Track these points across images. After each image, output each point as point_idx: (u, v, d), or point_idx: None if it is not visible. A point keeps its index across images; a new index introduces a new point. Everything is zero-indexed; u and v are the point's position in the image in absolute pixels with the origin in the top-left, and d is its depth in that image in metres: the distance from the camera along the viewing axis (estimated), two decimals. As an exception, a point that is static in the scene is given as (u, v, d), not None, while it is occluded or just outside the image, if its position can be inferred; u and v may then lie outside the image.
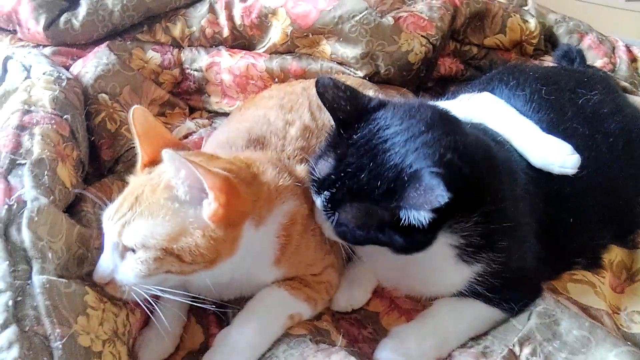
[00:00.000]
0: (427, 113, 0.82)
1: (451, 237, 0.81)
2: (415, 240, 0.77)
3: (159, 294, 0.76)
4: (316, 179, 0.82)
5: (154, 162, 0.80)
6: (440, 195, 0.67)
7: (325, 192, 0.80)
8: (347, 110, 0.82)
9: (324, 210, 0.82)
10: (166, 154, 0.68)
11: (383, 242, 0.79)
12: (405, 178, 0.73)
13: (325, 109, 1.08)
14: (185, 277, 0.76)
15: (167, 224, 0.72)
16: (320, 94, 0.83)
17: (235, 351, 0.79)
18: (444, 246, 0.82)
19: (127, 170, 1.10)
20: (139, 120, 0.80)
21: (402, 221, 0.73)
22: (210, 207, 0.71)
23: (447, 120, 0.84)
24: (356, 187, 0.77)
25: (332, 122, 0.86)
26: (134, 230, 0.73)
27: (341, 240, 0.86)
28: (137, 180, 0.79)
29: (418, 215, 0.72)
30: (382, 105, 0.84)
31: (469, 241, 0.82)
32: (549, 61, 1.50)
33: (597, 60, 1.48)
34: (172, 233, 0.72)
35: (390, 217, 0.75)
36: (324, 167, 0.82)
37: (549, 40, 1.57)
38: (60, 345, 0.66)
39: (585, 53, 1.46)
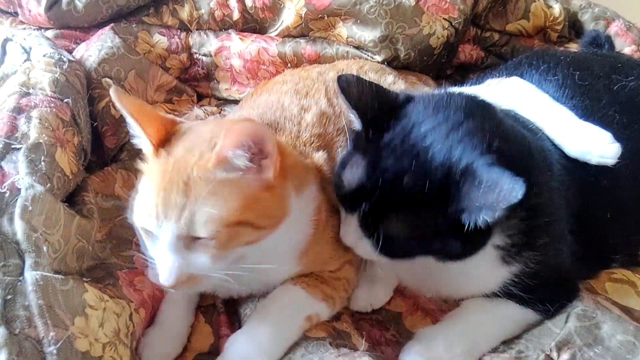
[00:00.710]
0: (460, 101, 0.76)
1: (499, 237, 0.75)
2: (474, 243, 0.70)
3: (225, 277, 0.71)
4: (346, 192, 0.74)
5: (162, 141, 0.71)
6: (514, 189, 0.60)
7: (363, 206, 0.72)
8: (375, 108, 0.75)
9: (363, 227, 0.73)
10: (227, 137, 0.65)
11: (436, 252, 0.71)
12: (457, 176, 0.66)
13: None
14: (251, 247, 0.71)
15: (236, 196, 0.67)
16: (344, 91, 0.76)
17: (248, 358, 0.73)
18: (489, 248, 0.75)
19: (132, 159, 1.05)
20: (127, 101, 0.71)
21: (464, 225, 0.66)
22: (272, 165, 0.69)
23: (484, 106, 0.78)
24: (399, 193, 0.69)
25: (354, 120, 0.78)
26: (204, 217, 0.65)
27: (384, 260, 0.77)
28: (162, 166, 0.68)
29: (487, 216, 0.64)
30: (409, 99, 0.78)
31: (513, 241, 0.76)
32: (574, 48, 1.44)
33: (624, 47, 1.43)
34: (244, 203, 0.68)
35: (449, 222, 0.67)
36: (354, 175, 0.73)
37: (573, 27, 1.51)
38: (55, 350, 0.59)
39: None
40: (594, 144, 0.86)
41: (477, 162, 0.65)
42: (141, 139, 0.71)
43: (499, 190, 0.61)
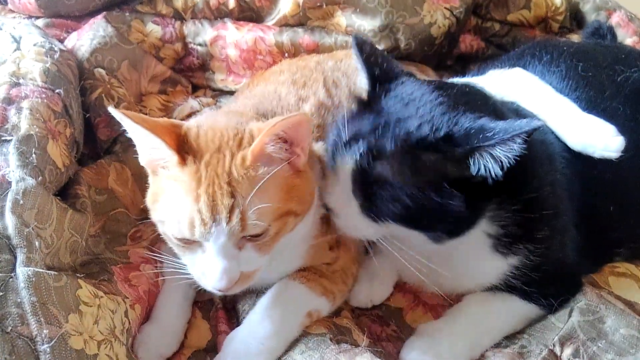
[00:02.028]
0: (463, 86, 0.78)
1: (489, 225, 0.75)
2: (475, 205, 0.69)
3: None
4: (344, 142, 0.73)
5: (180, 149, 0.68)
6: (530, 122, 0.63)
7: (360, 143, 0.70)
8: (383, 68, 0.78)
9: (354, 180, 0.72)
10: (268, 132, 0.65)
11: (430, 212, 0.69)
12: (469, 126, 0.67)
13: (341, 86, 1.00)
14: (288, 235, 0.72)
15: (279, 187, 0.68)
16: (358, 47, 0.79)
17: (247, 355, 0.72)
18: (480, 234, 0.75)
19: (125, 151, 1.03)
20: (138, 118, 0.67)
21: (473, 169, 0.66)
22: (303, 152, 0.71)
23: (485, 96, 0.79)
24: (404, 133, 0.68)
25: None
26: (255, 214, 0.64)
27: (369, 226, 0.75)
28: (193, 172, 0.65)
29: (502, 155, 0.64)
30: (412, 75, 0.80)
31: (507, 231, 0.76)
32: (575, 39, 1.43)
33: (626, 38, 1.41)
34: (286, 192, 0.69)
35: (451, 166, 0.67)
36: (357, 124, 0.74)
37: (575, 17, 1.49)
38: (48, 349, 0.57)
39: (612, 31, 1.38)
40: (597, 137, 0.85)
41: (487, 119, 0.67)
42: (159, 150, 0.67)
43: (515, 122, 0.63)
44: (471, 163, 0.66)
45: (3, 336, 0.56)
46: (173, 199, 0.66)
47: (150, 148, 0.68)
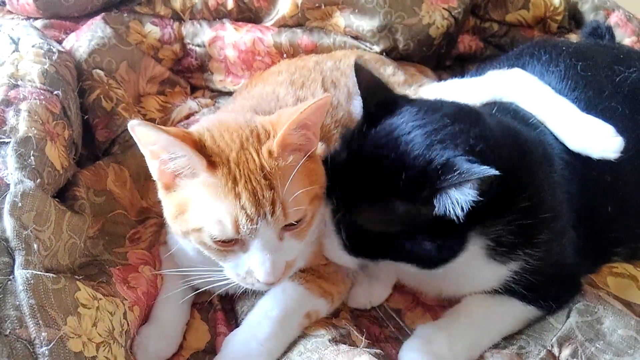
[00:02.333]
0: (450, 107, 0.77)
1: (480, 239, 0.74)
2: (447, 244, 0.69)
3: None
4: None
5: (202, 147, 0.68)
6: (487, 169, 0.61)
7: (336, 191, 0.72)
8: (380, 99, 0.77)
9: (333, 214, 0.73)
10: (293, 121, 0.66)
11: (408, 254, 0.70)
12: (437, 167, 0.65)
13: (340, 86, 1.00)
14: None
15: (304, 173, 0.69)
16: (358, 73, 0.78)
17: (247, 357, 0.71)
18: (472, 248, 0.74)
19: (124, 152, 1.03)
20: (164, 128, 0.66)
21: (436, 213, 0.65)
22: (315, 137, 0.72)
23: (472, 113, 0.78)
24: (375, 181, 0.69)
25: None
26: (293, 202, 0.66)
27: (350, 260, 0.76)
28: (224, 174, 0.65)
29: (459, 197, 0.63)
30: (411, 102, 0.78)
31: (500, 241, 0.75)
32: (574, 39, 1.42)
33: (624, 38, 1.41)
34: (310, 177, 0.70)
35: (419, 211, 0.67)
36: (335, 162, 0.75)
37: (573, 17, 1.49)
38: (47, 351, 0.57)
39: (611, 31, 1.38)
40: (596, 138, 0.85)
41: (458, 158, 0.65)
42: (181, 159, 0.66)
43: (473, 169, 0.62)
44: (435, 203, 0.65)
45: (1, 339, 0.56)
46: (208, 203, 0.65)
47: (168, 159, 0.66)
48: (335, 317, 0.82)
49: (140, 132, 0.64)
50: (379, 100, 0.76)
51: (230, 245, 0.67)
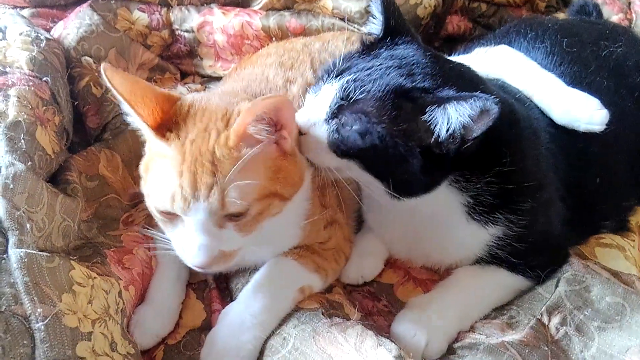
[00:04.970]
0: (457, 67, 0.79)
1: (460, 194, 0.76)
2: (430, 169, 0.70)
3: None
4: (338, 69, 0.76)
5: (165, 122, 0.68)
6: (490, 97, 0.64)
7: (351, 71, 0.73)
8: (398, 21, 0.80)
9: (340, 96, 0.72)
10: (248, 112, 0.65)
11: (395, 164, 0.70)
12: (450, 83, 0.70)
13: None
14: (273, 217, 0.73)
15: (262, 168, 0.68)
16: None
17: (241, 329, 0.72)
18: (453, 203, 0.77)
19: (115, 138, 1.03)
20: (118, 81, 0.67)
21: (426, 117, 0.68)
22: (290, 134, 0.71)
23: (474, 75, 0.80)
24: (393, 81, 0.71)
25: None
26: (235, 193, 0.65)
27: (331, 158, 0.75)
28: (179, 148, 0.66)
29: (452, 114, 0.66)
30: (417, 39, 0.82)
31: (479, 200, 0.77)
32: (562, 17, 1.43)
33: (612, 16, 1.41)
34: (270, 174, 0.69)
35: (417, 118, 0.69)
36: (355, 60, 0.77)
37: (561, -5, 1.50)
38: (43, 327, 0.58)
39: (598, 9, 1.38)
40: (581, 111, 0.86)
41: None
42: (135, 122, 0.68)
43: (480, 95, 0.65)
44: (429, 111, 0.67)
45: (-3, 315, 0.57)
46: (160, 172, 0.67)
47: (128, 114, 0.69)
48: (329, 292, 0.84)
49: (105, 77, 0.67)
50: (398, 23, 0.80)
51: (172, 216, 0.68)
